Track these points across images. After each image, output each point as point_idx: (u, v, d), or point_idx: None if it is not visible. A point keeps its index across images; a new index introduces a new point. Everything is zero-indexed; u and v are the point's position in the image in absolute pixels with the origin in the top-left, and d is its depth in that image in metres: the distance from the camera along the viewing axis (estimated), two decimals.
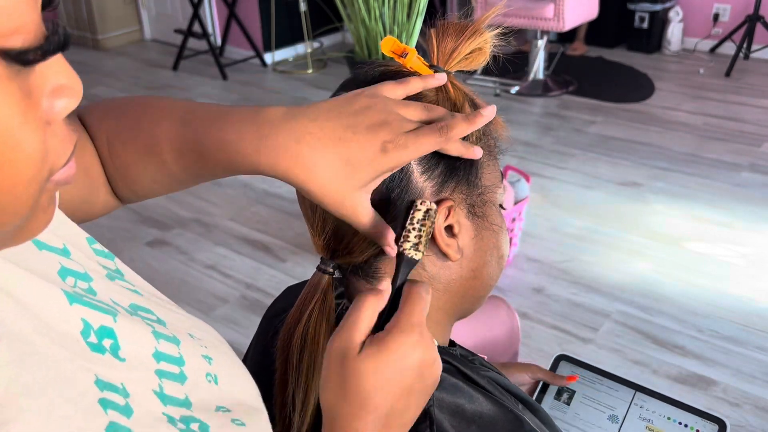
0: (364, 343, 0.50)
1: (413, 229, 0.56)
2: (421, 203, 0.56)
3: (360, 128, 0.52)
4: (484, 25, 0.60)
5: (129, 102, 0.64)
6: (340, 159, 0.51)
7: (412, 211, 0.56)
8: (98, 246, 0.54)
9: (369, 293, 0.52)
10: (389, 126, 0.52)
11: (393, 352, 0.49)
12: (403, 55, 0.59)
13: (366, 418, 0.50)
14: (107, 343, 0.44)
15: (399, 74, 0.60)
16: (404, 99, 0.57)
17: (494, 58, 0.62)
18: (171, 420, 0.44)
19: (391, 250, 0.56)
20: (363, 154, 0.51)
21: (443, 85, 0.59)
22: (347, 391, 0.50)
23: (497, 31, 0.61)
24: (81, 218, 0.60)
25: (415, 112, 0.55)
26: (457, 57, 0.60)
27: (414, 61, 0.59)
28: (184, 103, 0.60)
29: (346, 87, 0.62)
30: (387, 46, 0.59)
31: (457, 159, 0.58)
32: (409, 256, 0.56)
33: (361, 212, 0.54)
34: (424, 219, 0.56)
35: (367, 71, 0.61)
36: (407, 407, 0.52)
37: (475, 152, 0.57)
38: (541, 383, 0.96)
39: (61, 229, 0.52)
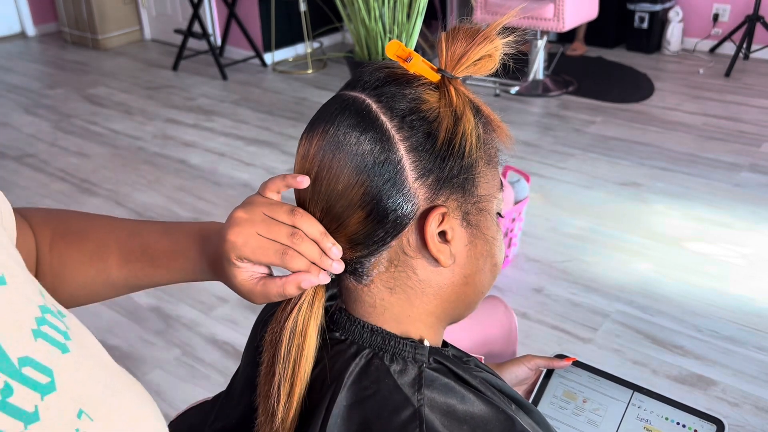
0: None
1: None
2: None
3: (226, 234, 0.62)
4: (495, 32, 0.59)
5: (70, 211, 0.74)
6: (217, 259, 0.65)
7: None
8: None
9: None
10: (245, 241, 0.61)
11: None
12: (408, 59, 0.58)
13: None
14: None
15: (404, 77, 0.59)
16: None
17: (502, 63, 0.61)
18: None
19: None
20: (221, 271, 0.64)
21: (446, 91, 0.59)
22: None
23: (509, 38, 0.60)
24: None
25: (280, 216, 0.61)
26: (465, 62, 0.59)
27: (419, 65, 0.59)
28: (128, 220, 0.72)
29: (348, 87, 0.62)
30: (392, 49, 0.59)
31: (452, 166, 0.58)
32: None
33: (242, 287, 0.64)
34: None
35: (372, 73, 0.60)
36: None
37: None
38: (543, 372, 0.96)
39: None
